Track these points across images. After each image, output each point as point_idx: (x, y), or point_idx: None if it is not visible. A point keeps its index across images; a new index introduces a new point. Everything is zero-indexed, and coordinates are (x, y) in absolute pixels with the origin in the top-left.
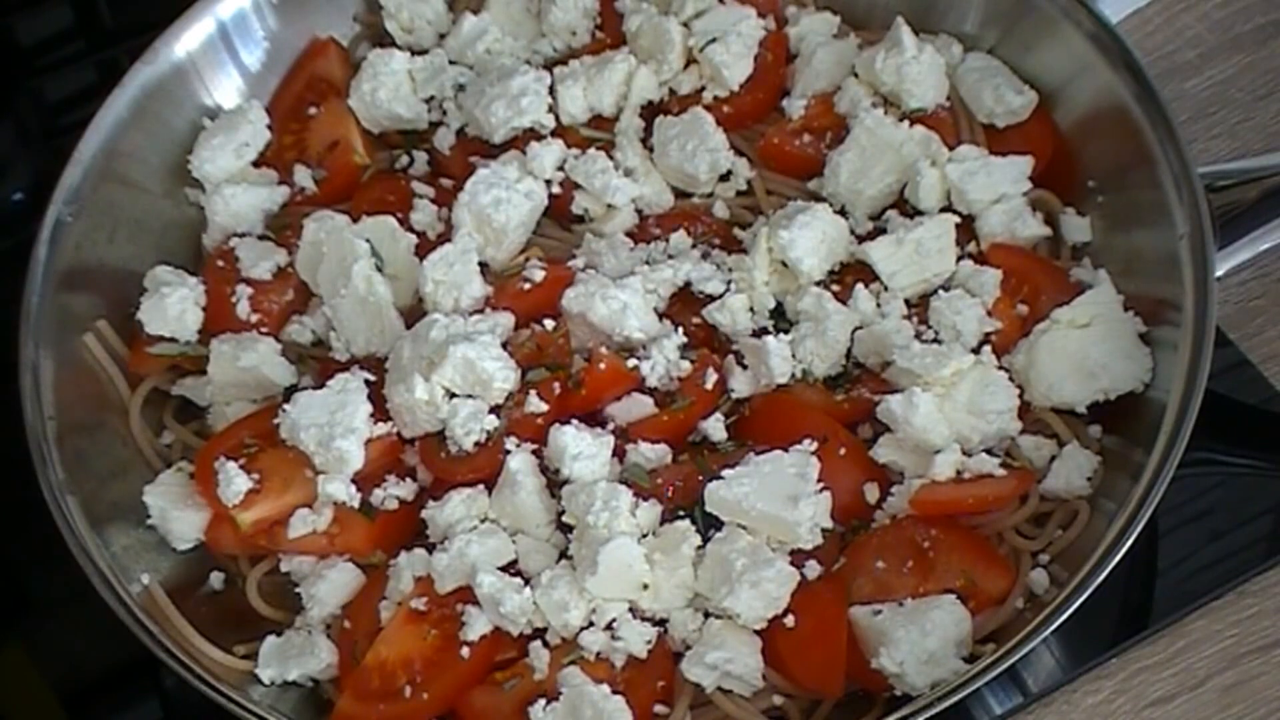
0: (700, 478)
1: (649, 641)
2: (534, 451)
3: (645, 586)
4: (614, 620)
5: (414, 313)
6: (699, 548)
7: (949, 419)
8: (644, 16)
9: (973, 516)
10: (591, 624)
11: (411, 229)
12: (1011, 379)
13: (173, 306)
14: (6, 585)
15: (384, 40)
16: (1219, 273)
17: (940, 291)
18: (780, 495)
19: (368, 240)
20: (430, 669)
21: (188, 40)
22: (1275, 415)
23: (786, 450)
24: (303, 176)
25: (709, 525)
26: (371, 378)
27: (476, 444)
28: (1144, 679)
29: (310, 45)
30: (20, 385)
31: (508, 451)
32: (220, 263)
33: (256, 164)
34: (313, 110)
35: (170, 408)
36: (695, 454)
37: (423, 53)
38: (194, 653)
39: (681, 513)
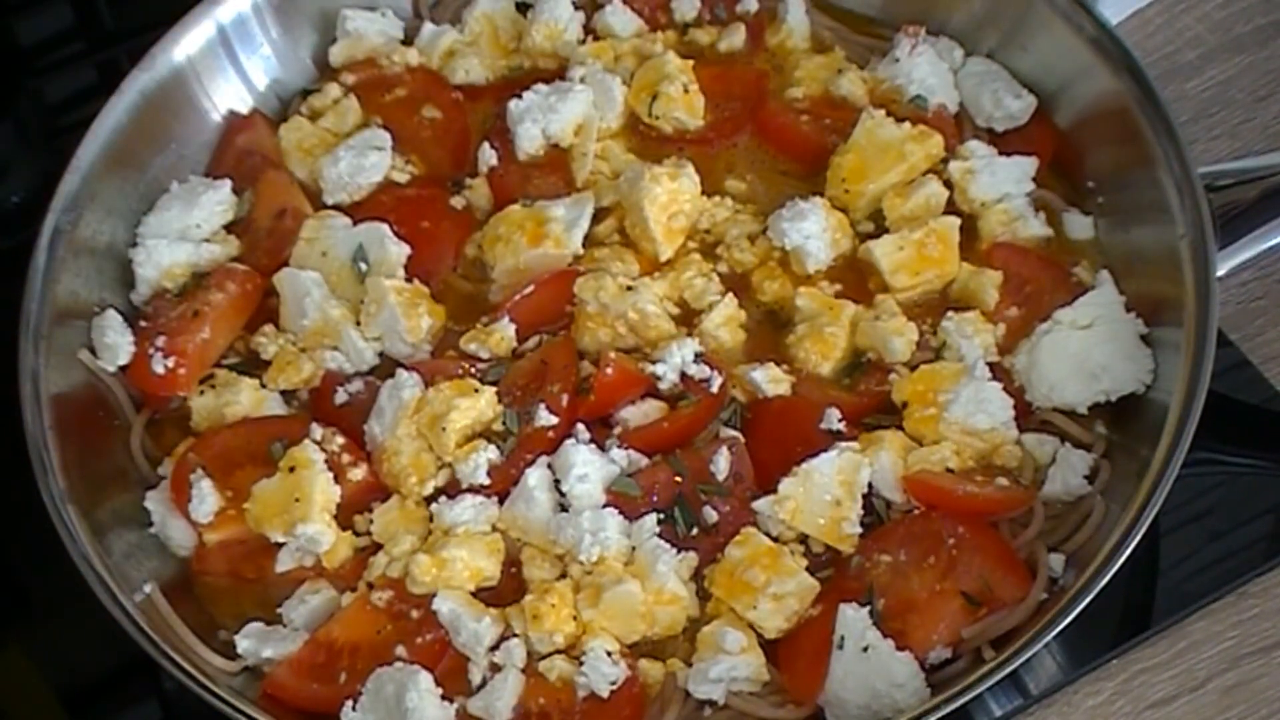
0: (677, 478)
1: (613, 683)
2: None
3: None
4: (585, 652)
5: None
6: (679, 551)
7: (945, 436)
8: (588, 70)
9: (959, 511)
10: (570, 648)
11: (405, 240)
12: (1013, 380)
13: (109, 358)
14: (6, 585)
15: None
16: (1220, 272)
17: (950, 313)
18: (825, 511)
19: (360, 244)
20: (371, 661)
21: (187, 45)
22: (1276, 415)
23: (827, 450)
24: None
25: (690, 524)
26: (323, 452)
27: (488, 473)
28: (1144, 680)
29: (234, 121)
30: (20, 393)
31: (528, 464)
32: (144, 323)
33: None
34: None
35: (170, 416)
36: (669, 453)
37: None
38: (194, 659)
39: (662, 516)
